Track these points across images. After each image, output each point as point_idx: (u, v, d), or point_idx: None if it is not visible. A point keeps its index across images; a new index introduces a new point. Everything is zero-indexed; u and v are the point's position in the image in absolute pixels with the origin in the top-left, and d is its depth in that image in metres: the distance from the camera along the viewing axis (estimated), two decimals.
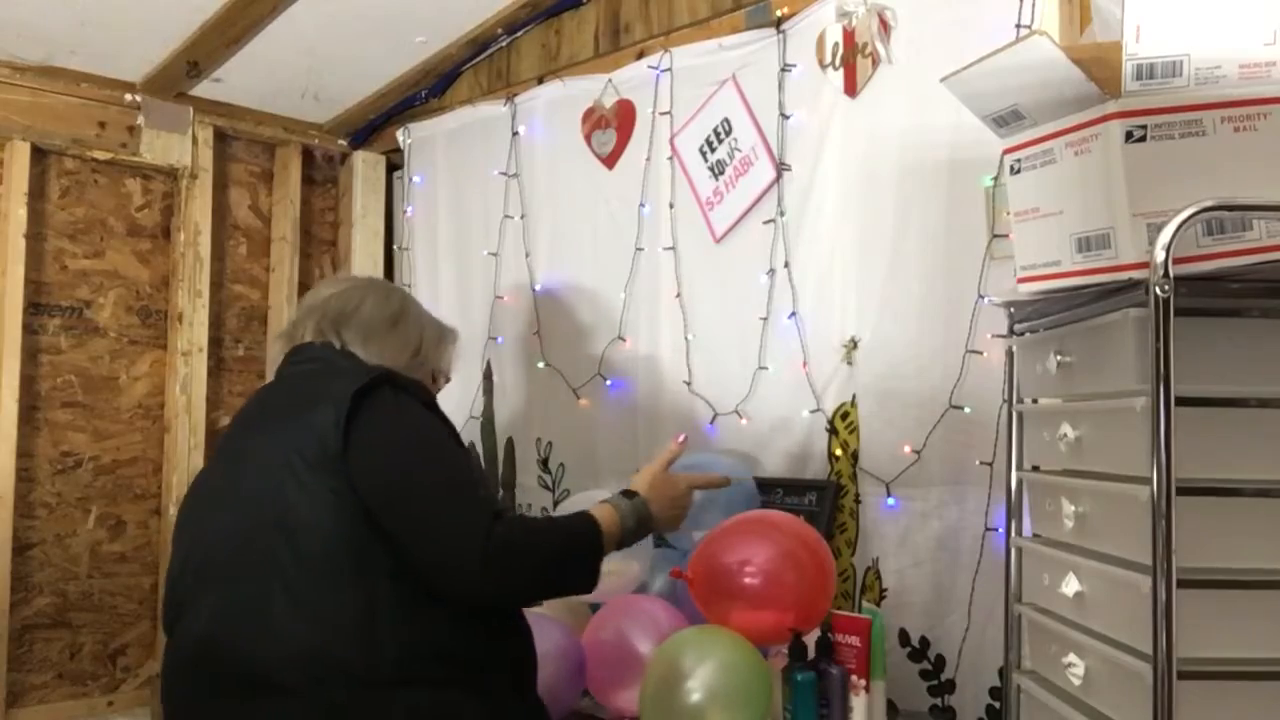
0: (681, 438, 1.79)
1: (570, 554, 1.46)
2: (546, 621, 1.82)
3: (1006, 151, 1.36)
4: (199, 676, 1.42)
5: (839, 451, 2.05)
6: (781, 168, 2.15)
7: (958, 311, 1.84)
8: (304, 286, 3.17)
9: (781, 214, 2.15)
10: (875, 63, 1.99)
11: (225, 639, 1.39)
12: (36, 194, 2.73)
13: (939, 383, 1.87)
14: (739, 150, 2.23)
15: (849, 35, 2.03)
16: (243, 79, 2.82)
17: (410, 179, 3.05)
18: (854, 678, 1.65)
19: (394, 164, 3.22)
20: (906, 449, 1.91)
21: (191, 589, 1.47)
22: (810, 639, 1.68)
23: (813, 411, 2.08)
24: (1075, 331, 1.32)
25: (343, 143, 3.23)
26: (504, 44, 2.82)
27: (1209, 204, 1.09)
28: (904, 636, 1.91)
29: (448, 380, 1.87)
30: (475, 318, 2.81)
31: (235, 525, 1.44)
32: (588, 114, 2.57)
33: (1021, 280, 1.37)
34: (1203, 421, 1.14)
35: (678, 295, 2.35)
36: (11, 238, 2.65)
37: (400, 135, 3.06)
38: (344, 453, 1.40)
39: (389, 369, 1.55)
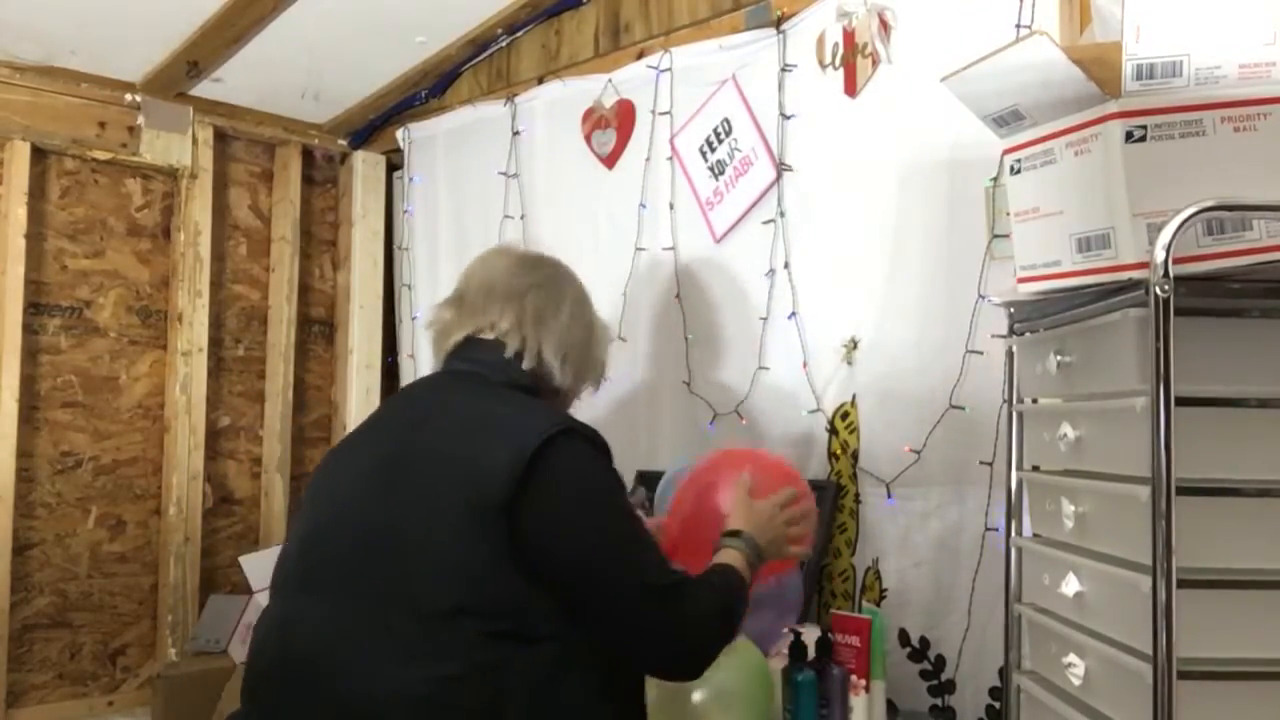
0: (746, 472, 1.59)
1: (736, 608, 1.38)
2: None
3: (1006, 151, 1.36)
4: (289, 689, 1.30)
5: (839, 451, 2.05)
6: (781, 168, 2.15)
7: (958, 311, 1.84)
8: (304, 286, 3.18)
9: (781, 214, 2.15)
10: (875, 63, 1.99)
11: (325, 663, 1.26)
12: (36, 194, 2.73)
13: (939, 383, 1.87)
14: (739, 150, 2.23)
15: (849, 35, 2.03)
16: (243, 79, 2.82)
17: (410, 179, 3.05)
18: (854, 678, 1.65)
19: (394, 164, 3.22)
20: (906, 449, 1.91)
21: (303, 584, 1.34)
22: (810, 639, 1.68)
23: (813, 411, 2.08)
24: (1075, 331, 1.32)
25: (343, 143, 3.24)
26: (504, 44, 2.82)
27: (1209, 204, 1.09)
28: (904, 636, 1.91)
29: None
30: None
31: (366, 537, 1.30)
32: (588, 114, 2.57)
33: (1021, 280, 1.37)
34: (1203, 421, 1.13)
35: (678, 295, 2.35)
36: (11, 238, 2.65)
37: (400, 135, 3.06)
38: (511, 506, 1.25)
39: (567, 415, 1.40)
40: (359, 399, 3.14)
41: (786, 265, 2.14)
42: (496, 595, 1.24)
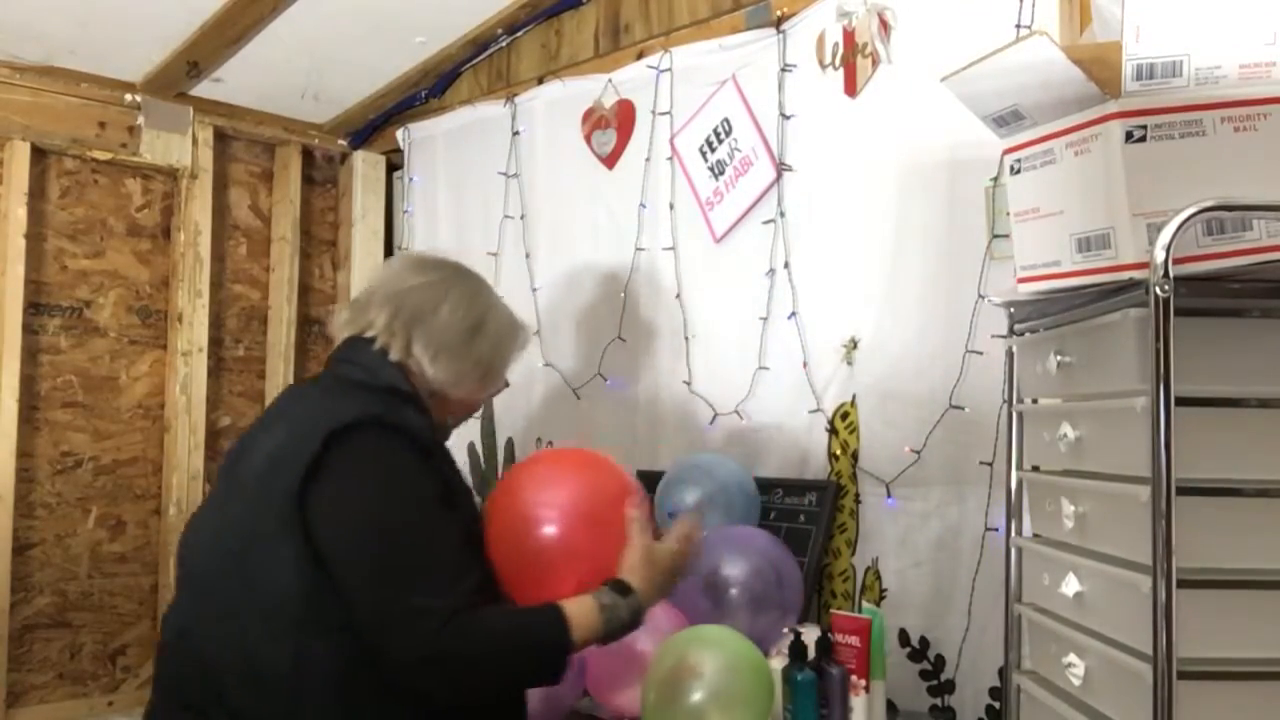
0: (635, 501, 1.47)
1: (529, 665, 1.32)
2: None
3: (1006, 151, 1.36)
4: (169, 664, 1.42)
5: (839, 451, 2.05)
6: (781, 168, 2.15)
7: (958, 311, 1.84)
8: (304, 287, 3.18)
9: (781, 214, 2.15)
10: (875, 63, 1.99)
11: (195, 643, 1.37)
12: (36, 194, 2.73)
13: (939, 383, 1.87)
14: (739, 150, 2.23)
15: (849, 35, 2.03)
16: (243, 79, 2.82)
17: (410, 179, 3.05)
18: (854, 678, 1.65)
19: (394, 164, 3.22)
20: (906, 449, 1.91)
21: (181, 582, 1.45)
22: (810, 639, 1.68)
23: (813, 411, 2.08)
24: (1075, 331, 1.32)
25: (343, 143, 3.24)
26: (504, 44, 2.82)
27: (1209, 204, 1.09)
28: (904, 636, 1.91)
29: (507, 385, 1.68)
30: None
31: (214, 540, 1.38)
32: (588, 114, 2.57)
33: (1021, 280, 1.37)
34: (1203, 421, 1.13)
35: (678, 295, 2.35)
36: (11, 238, 2.65)
37: (400, 135, 3.06)
38: (301, 495, 1.29)
39: (381, 405, 1.38)
40: None
41: (786, 265, 2.14)
42: (292, 586, 1.29)
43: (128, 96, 2.83)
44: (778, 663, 1.69)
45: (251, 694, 1.29)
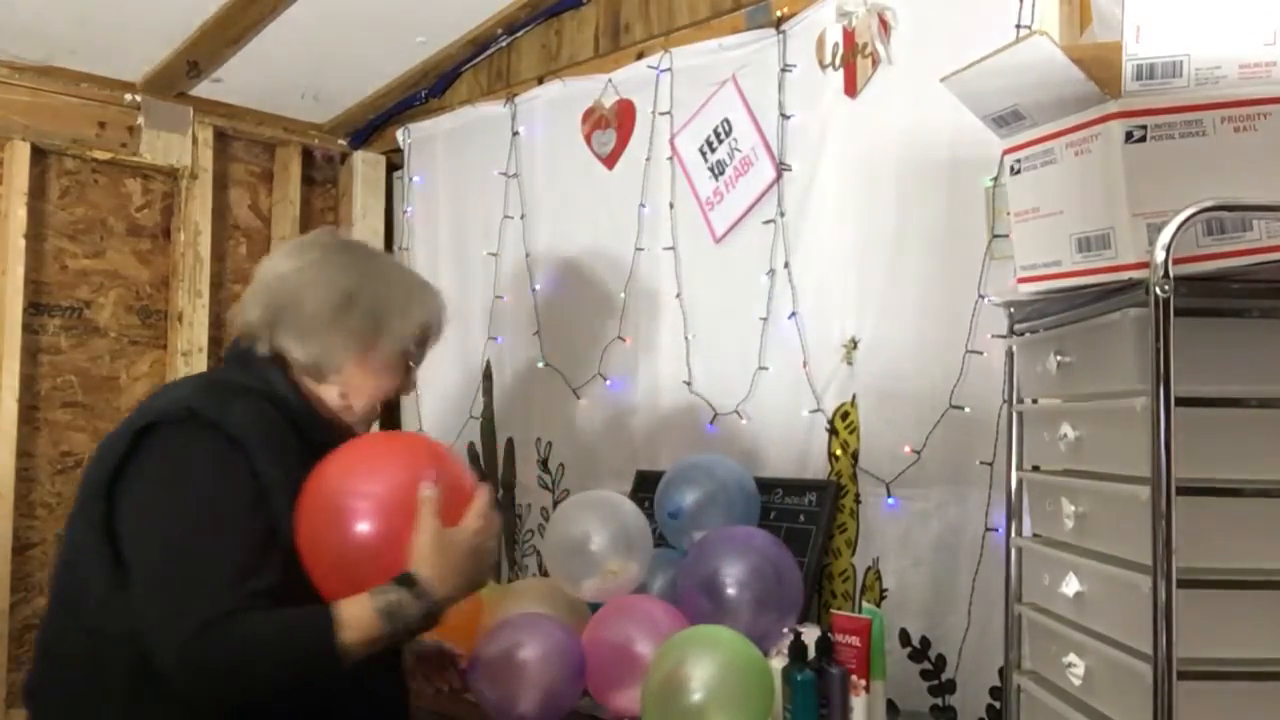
0: (429, 482, 1.33)
1: (293, 672, 1.26)
2: (545, 621, 1.82)
3: (1006, 152, 1.36)
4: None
5: (839, 451, 2.05)
6: (781, 168, 2.15)
7: (958, 311, 1.84)
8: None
9: (781, 214, 2.15)
10: (875, 63, 1.99)
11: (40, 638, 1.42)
12: (36, 194, 2.73)
13: (939, 383, 1.87)
14: (739, 150, 2.23)
15: (849, 35, 2.03)
16: (243, 79, 2.82)
17: (410, 179, 3.05)
18: (854, 678, 1.65)
19: (394, 164, 3.22)
20: (906, 449, 1.91)
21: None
22: (810, 639, 1.68)
23: (813, 411, 2.08)
24: (1075, 331, 1.32)
25: (343, 143, 3.24)
26: (504, 44, 2.82)
27: (1209, 204, 1.09)
28: (904, 636, 1.91)
29: (420, 349, 1.57)
30: (475, 318, 2.81)
31: (63, 538, 1.42)
32: (588, 114, 2.57)
33: (1021, 280, 1.37)
34: (1203, 421, 1.13)
35: (678, 295, 2.35)
36: (11, 238, 2.65)
37: (400, 135, 3.06)
38: (109, 492, 1.29)
39: (196, 404, 1.32)
40: None
41: (786, 265, 2.14)
42: (96, 585, 1.29)
43: (128, 96, 2.83)
44: (778, 663, 1.69)
45: (60, 693, 1.32)
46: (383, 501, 1.31)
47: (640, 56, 2.47)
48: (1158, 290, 1.08)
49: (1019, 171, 1.34)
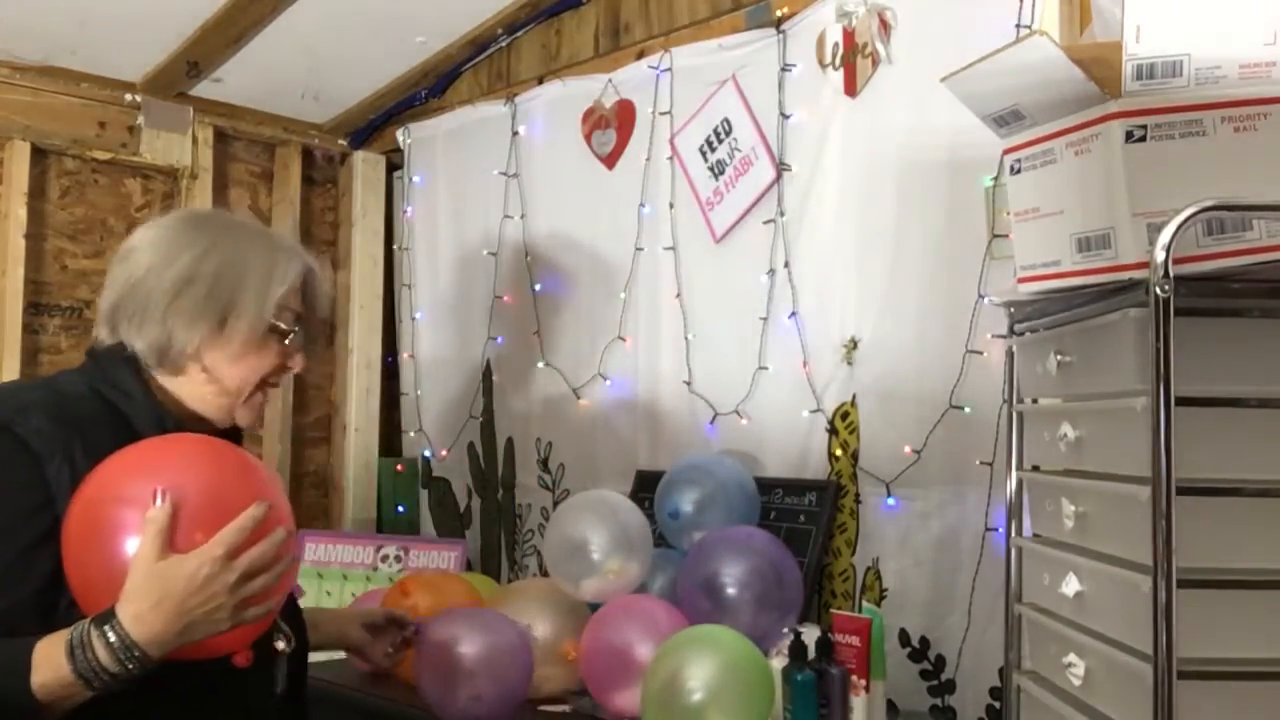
0: (160, 494, 1.07)
1: None
2: (491, 615, 1.85)
3: (1006, 151, 1.36)
4: None
5: (839, 451, 2.05)
6: (781, 168, 2.15)
7: (958, 311, 1.84)
8: (304, 286, 3.17)
9: (781, 214, 2.15)
10: (875, 63, 1.99)
11: None
12: (36, 194, 2.73)
13: (939, 383, 1.87)
14: (739, 150, 2.23)
15: (849, 35, 2.03)
16: (243, 79, 2.82)
17: (410, 179, 3.05)
18: (854, 678, 1.65)
19: (394, 164, 3.22)
20: (906, 449, 1.91)
21: None
22: (810, 639, 1.68)
23: (813, 411, 2.08)
24: (1075, 331, 1.32)
25: (343, 143, 3.23)
26: (504, 44, 2.82)
27: (1209, 204, 1.09)
28: (904, 636, 1.91)
29: (296, 323, 1.37)
30: (475, 318, 2.81)
31: None
32: (588, 114, 2.57)
33: (1021, 280, 1.37)
34: (1203, 421, 1.13)
35: (678, 295, 2.35)
36: (11, 238, 2.65)
37: (400, 135, 3.06)
38: None
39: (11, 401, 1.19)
40: (359, 399, 3.14)
41: (786, 265, 2.14)
42: None
43: (128, 96, 2.83)
44: (778, 663, 1.69)
45: None
46: (137, 512, 1.07)
47: (640, 56, 2.47)
48: (1158, 290, 1.08)
49: (1019, 171, 1.34)
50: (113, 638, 1.04)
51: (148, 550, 1.05)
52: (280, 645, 1.26)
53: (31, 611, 1.10)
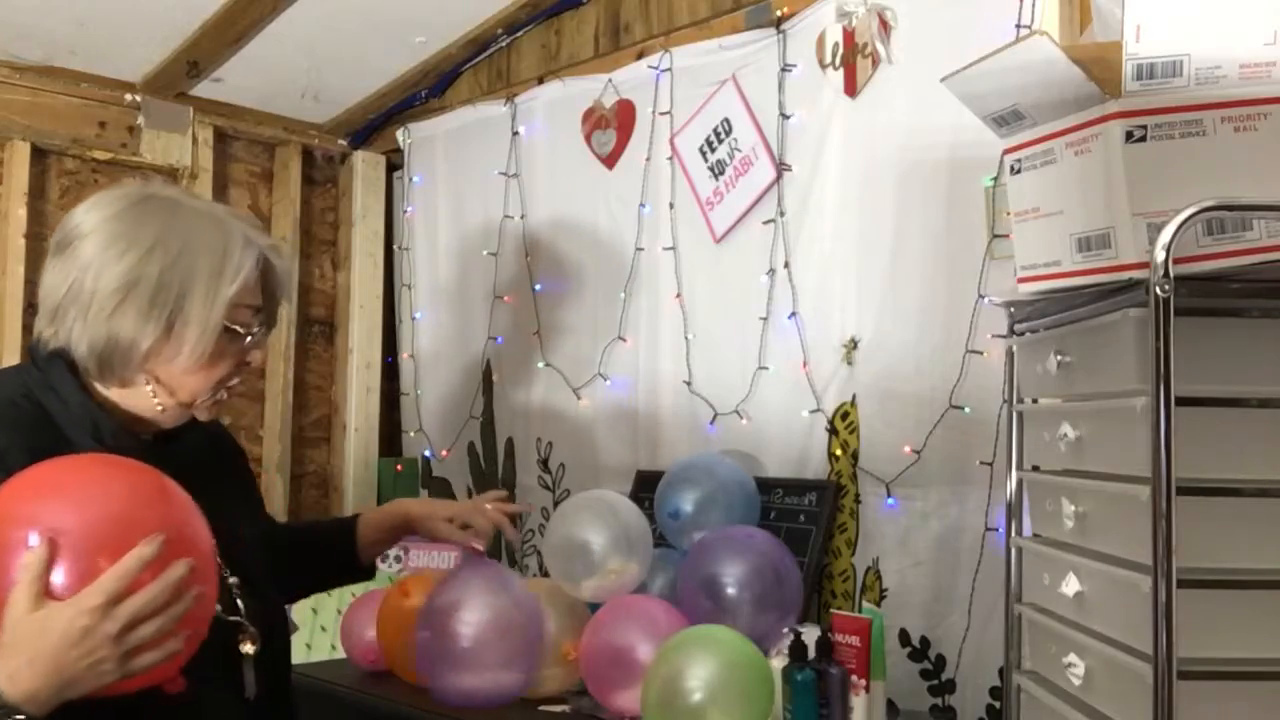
0: (36, 532, 0.97)
1: None
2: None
3: (1006, 151, 1.36)
4: None
5: (839, 451, 2.05)
6: (781, 168, 2.15)
7: (958, 311, 1.84)
8: (304, 287, 3.17)
9: (781, 214, 2.15)
10: (875, 63, 1.99)
11: None
12: (36, 194, 2.73)
13: (939, 383, 1.87)
14: (739, 150, 2.23)
15: (849, 35, 2.03)
16: (243, 79, 2.82)
17: (410, 179, 3.05)
18: (854, 678, 1.65)
19: (394, 164, 3.22)
20: (906, 449, 1.91)
21: None
22: (810, 639, 1.68)
23: (813, 411, 2.08)
24: (1075, 331, 1.32)
25: (343, 143, 3.23)
26: (504, 44, 2.82)
27: (1209, 204, 1.09)
28: (904, 636, 1.91)
29: (256, 344, 1.27)
30: (475, 318, 2.81)
31: None
32: (588, 114, 2.57)
33: (1021, 280, 1.37)
34: (1203, 421, 1.13)
35: (678, 295, 2.35)
36: (11, 238, 2.65)
37: (400, 135, 3.06)
38: None
39: None
40: (359, 399, 3.14)
41: (786, 265, 2.14)
42: None
43: (128, 96, 2.83)
44: (778, 663, 1.69)
45: None
46: (16, 553, 0.96)
47: (640, 56, 2.47)
48: (1158, 290, 1.08)
49: (1019, 171, 1.34)
50: None
51: (19, 600, 0.94)
52: (247, 648, 1.21)
53: None
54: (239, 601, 1.22)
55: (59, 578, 0.95)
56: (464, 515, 1.58)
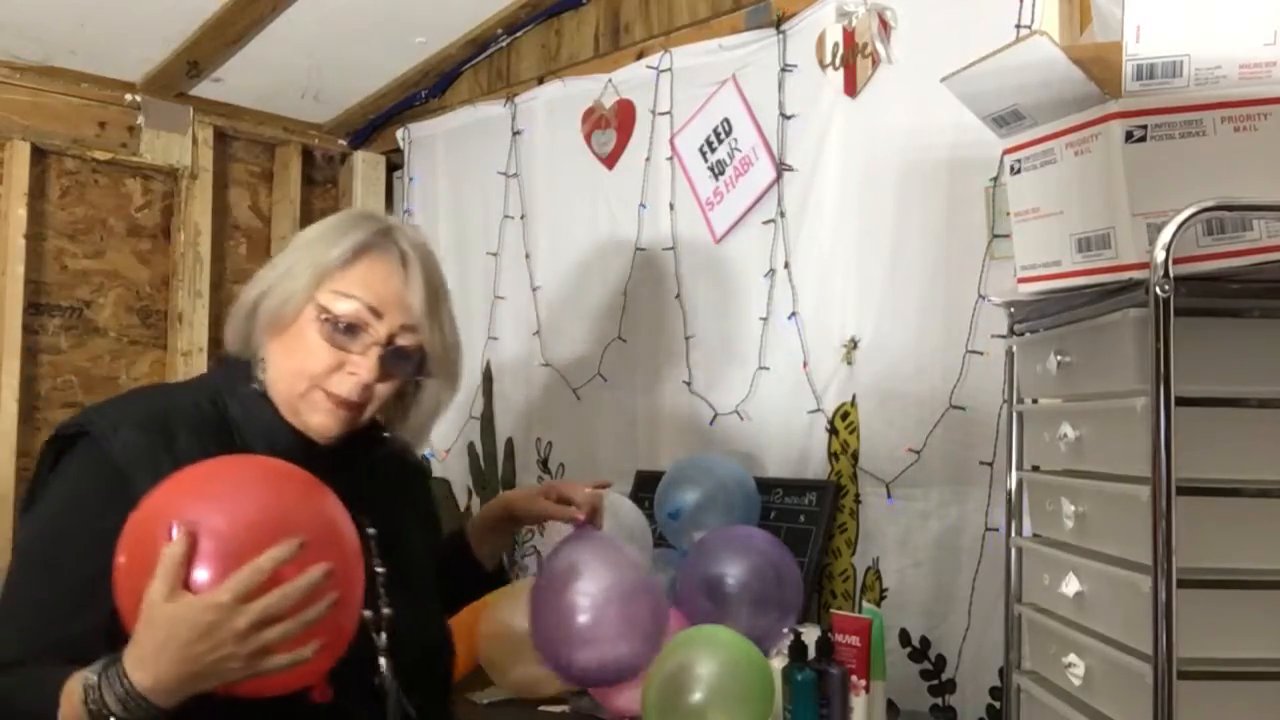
0: (179, 526, 0.97)
1: None
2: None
3: (1006, 152, 1.36)
4: None
5: (839, 451, 2.05)
6: (781, 168, 2.15)
7: (958, 311, 1.84)
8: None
9: (781, 214, 2.15)
10: (875, 63, 1.99)
11: None
12: (36, 194, 2.73)
13: (939, 383, 1.87)
14: (739, 150, 2.23)
15: (849, 35, 2.03)
16: (243, 79, 2.82)
17: (410, 179, 3.05)
18: (854, 678, 1.65)
19: (394, 164, 3.22)
20: (906, 449, 1.91)
21: None
22: (810, 639, 1.68)
23: (813, 411, 2.08)
24: (1075, 331, 1.32)
25: (343, 143, 3.23)
26: (504, 44, 2.82)
27: (1209, 204, 1.09)
28: (904, 636, 1.91)
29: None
30: (475, 318, 2.81)
31: None
32: (588, 114, 2.57)
33: (1021, 280, 1.37)
34: (1203, 421, 1.13)
35: (678, 295, 2.35)
36: (11, 238, 2.65)
37: (400, 135, 3.06)
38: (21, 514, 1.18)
39: (91, 416, 1.16)
40: None
41: (786, 265, 2.14)
42: None
43: (128, 96, 2.83)
44: (778, 663, 1.69)
45: None
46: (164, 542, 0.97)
47: (640, 56, 2.47)
48: (1158, 290, 1.08)
49: (1019, 171, 1.34)
50: (116, 684, 0.97)
51: (156, 590, 0.95)
52: (382, 669, 1.20)
53: (104, 638, 1.04)
54: (381, 627, 1.22)
55: (202, 574, 0.96)
56: (560, 488, 1.51)
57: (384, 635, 1.21)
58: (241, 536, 0.98)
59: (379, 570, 1.24)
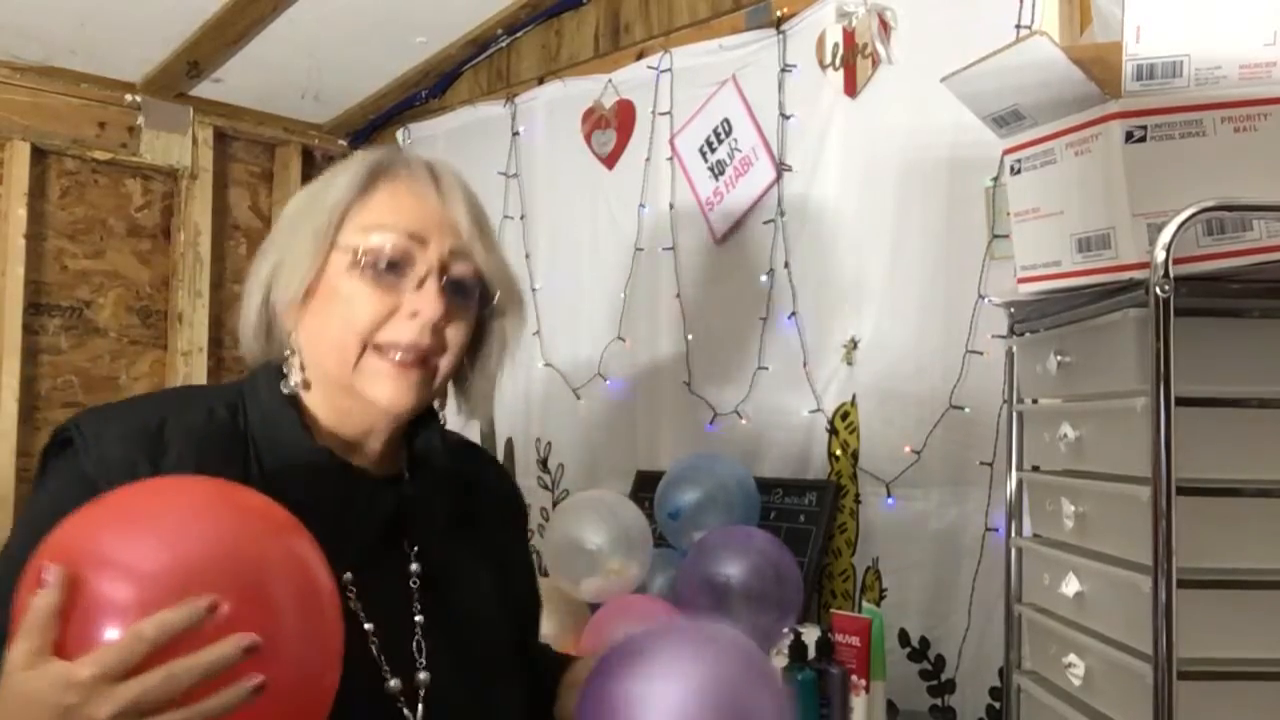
0: (55, 569, 0.72)
1: None
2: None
3: (1006, 152, 1.36)
4: None
5: (839, 451, 2.05)
6: (781, 168, 2.15)
7: (958, 311, 1.84)
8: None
9: (781, 214, 2.15)
10: (875, 63, 1.99)
11: None
12: (36, 194, 2.73)
13: (939, 383, 1.87)
14: (739, 150, 2.23)
15: (849, 36, 2.03)
16: (243, 79, 2.82)
17: None
18: (854, 678, 1.65)
19: None
20: (906, 449, 1.91)
21: None
22: (810, 639, 1.68)
23: (813, 411, 2.08)
24: (1075, 331, 1.32)
25: (343, 143, 3.24)
26: (504, 44, 2.82)
27: (1209, 204, 1.09)
28: (904, 636, 1.91)
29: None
30: None
31: None
32: (588, 114, 2.57)
33: (1021, 280, 1.37)
34: (1203, 421, 1.13)
35: (678, 295, 2.35)
36: (11, 238, 2.65)
37: (400, 135, 3.06)
38: None
39: (80, 421, 0.94)
40: None
41: (786, 265, 2.14)
42: None
43: (128, 96, 2.83)
44: (778, 663, 1.69)
45: None
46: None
47: (640, 56, 2.47)
48: (1158, 290, 1.08)
49: (1019, 171, 1.34)
50: None
51: (17, 650, 0.70)
52: None
53: None
54: (418, 699, 0.96)
55: (94, 630, 0.71)
56: None
57: (420, 710, 0.96)
58: (151, 587, 0.71)
59: (417, 620, 1.00)
